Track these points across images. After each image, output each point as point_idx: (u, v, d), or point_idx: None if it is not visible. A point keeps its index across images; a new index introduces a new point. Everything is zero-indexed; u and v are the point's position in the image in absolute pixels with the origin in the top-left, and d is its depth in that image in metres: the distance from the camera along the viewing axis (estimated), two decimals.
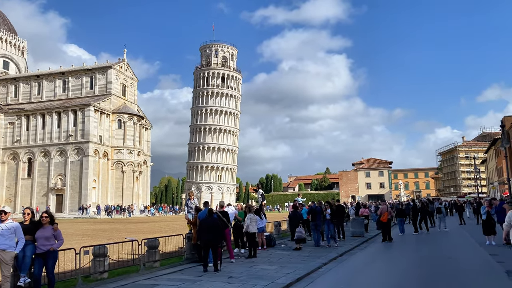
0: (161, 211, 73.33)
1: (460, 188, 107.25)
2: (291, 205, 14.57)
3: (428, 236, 19.20)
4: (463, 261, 11.00)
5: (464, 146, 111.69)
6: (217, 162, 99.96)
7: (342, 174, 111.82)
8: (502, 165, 63.85)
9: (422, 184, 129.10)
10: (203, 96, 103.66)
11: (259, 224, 13.81)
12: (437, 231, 21.27)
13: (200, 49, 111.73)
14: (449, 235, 18.83)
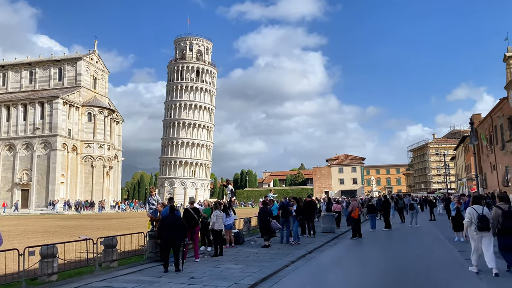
0: (132, 207, 71.88)
1: (430, 184, 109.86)
2: (261, 201, 14.12)
3: (398, 232, 19.19)
4: (432, 258, 10.83)
5: (435, 143, 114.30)
6: (191, 157, 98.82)
7: (316, 170, 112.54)
8: (470, 162, 65.47)
9: (394, 180, 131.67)
10: (177, 90, 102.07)
11: (227, 221, 13.33)
12: (407, 227, 21.33)
13: (175, 42, 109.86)
14: (419, 231, 18.86)
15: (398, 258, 10.98)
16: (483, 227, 8.45)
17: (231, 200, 15.71)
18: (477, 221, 8.50)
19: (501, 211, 8.57)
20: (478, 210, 8.67)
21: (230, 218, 13.48)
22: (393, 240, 15.61)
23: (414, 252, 11.98)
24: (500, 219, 8.51)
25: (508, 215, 8.49)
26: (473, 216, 8.63)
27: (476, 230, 8.54)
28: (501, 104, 39.51)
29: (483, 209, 8.72)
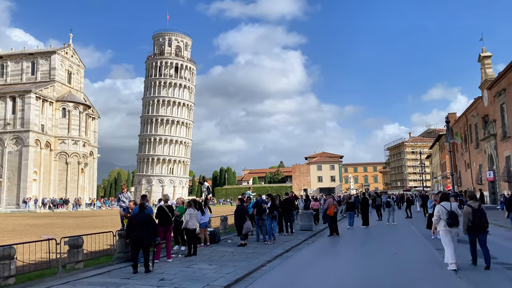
0: (108, 205, 70.39)
1: (406, 182, 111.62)
2: (238, 199, 13.73)
3: (376, 229, 19.13)
4: (410, 257, 10.68)
5: (411, 142, 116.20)
6: (169, 154, 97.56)
7: (295, 167, 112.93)
8: (445, 160, 66.67)
9: (371, 178, 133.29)
10: (155, 86, 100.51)
11: (202, 220, 12.92)
12: (385, 225, 21.34)
13: (153, 37, 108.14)
14: (396, 229, 18.84)
15: (376, 257, 10.79)
16: (453, 223, 8.76)
17: (207, 197, 15.28)
18: (446, 218, 8.80)
19: (471, 209, 8.86)
20: (446, 206, 8.96)
21: (205, 217, 13.06)
22: (371, 238, 15.49)
23: (392, 250, 11.84)
24: (470, 216, 8.81)
25: (477, 212, 8.80)
26: (442, 212, 8.90)
27: (446, 226, 8.83)
28: (476, 104, 40.23)
29: (451, 205, 8.99)
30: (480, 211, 8.87)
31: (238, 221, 12.95)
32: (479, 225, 8.78)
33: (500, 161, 33.54)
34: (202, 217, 12.84)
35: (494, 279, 8.02)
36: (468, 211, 8.91)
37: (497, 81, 32.20)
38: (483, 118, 36.74)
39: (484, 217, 8.89)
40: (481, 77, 37.02)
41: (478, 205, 9.01)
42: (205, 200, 15.16)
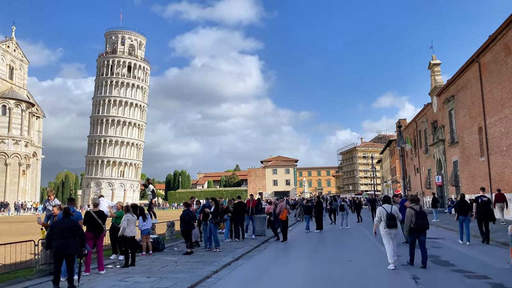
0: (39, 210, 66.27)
1: (358, 186, 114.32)
2: (183, 203, 12.63)
3: (330, 234, 18.63)
4: (367, 264, 10.08)
5: (362, 147, 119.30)
6: (120, 156, 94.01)
7: (250, 171, 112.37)
8: (395, 165, 68.48)
9: (324, 182, 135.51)
10: (106, 85, 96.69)
11: (143, 226, 11.74)
12: (338, 229, 20.94)
13: (105, 35, 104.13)
14: (350, 234, 18.42)
15: (332, 265, 10.10)
16: (391, 224, 9.31)
17: (151, 201, 14.05)
18: (385, 219, 9.34)
19: (414, 211, 9.48)
20: (387, 209, 9.49)
21: (148, 222, 11.88)
22: (325, 244, 14.88)
23: (348, 257, 11.23)
24: (413, 218, 9.40)
25: (419, 214, 9.42)
26: (383, 214, 9.43)
27: (386, 227, 9.35)
28: (425, 110, 41.37)
29: (391, 208, 9.56)
30: (422, 213, 9.46)
31: (183, 227, 11.87)
32: (421, 226, 9.38)
33: (448, 166, 34.49)
34: (143, 223, 11.67)
35: None
36: (411, 213, 9.49)
37: (446, 88, 33.11)
38: (432, 124, 37.75)
39: (425, 219, 9.49)
40: (431, 84, 38.06)
41: (420, 208, 9.61)
42: (149, 205, 13.94)
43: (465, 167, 29.91)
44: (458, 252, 11.49)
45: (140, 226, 11.73)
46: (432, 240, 14.51)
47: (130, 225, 9.98)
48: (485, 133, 25.21)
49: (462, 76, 29.09)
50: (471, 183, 28.41)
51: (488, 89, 24.45)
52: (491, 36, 23.19)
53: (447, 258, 10.42)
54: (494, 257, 10.66)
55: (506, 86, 21.83)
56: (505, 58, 21.83)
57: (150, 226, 12.17)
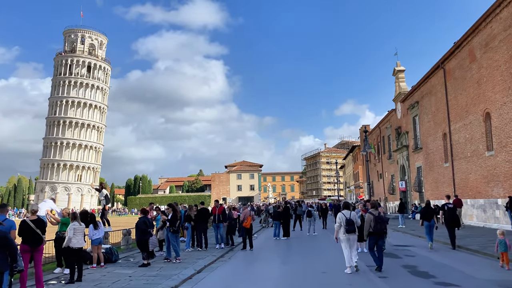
0: None
1: (321, 191, 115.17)
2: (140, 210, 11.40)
3: (298, 241, 17.83)
4: (341, 276, 9.27)
5: (326, 153, 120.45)
6: (77, 160, 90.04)
7: (214, 176, 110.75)
8: (358, 170, 69.29)
9: (288, 187, 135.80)
10: (64, 85, 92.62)
11: (94, 235, 10.46)
12: (306, 236, 20.20)
13: (64, 33, 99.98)
14: (319, 241, 17.66)
15: (304, 279, 9.23)
16: (350, 230, 9.46)
17: (105, 207, 12.71)
18: (345, 225, 9.49)
19: (373, 216, 9.78)
20: (346, 214, 9.66)
21: (100, 231, 10.60)
22: (295, 253, 14.03)
23: (320, 268, 10.41)
24: (372, 223, 9.67)
25: (378, 219, 9.71)
26: (342, 220, 9.57)
27: (345, 233, 9.49)
28: (389, 116, 41.78)
29: (350, 213, 9.72)
30: (380, 218, 9.76)
31: (139, 236, 10.66)
32: (379, 231, 9.67)
33: (411, 171, 34.77)
34: (94, 231, 10.39)
35: None
36: (370, 218, 9.76)
37: (410, 94, 33.40)
38: (396, 130, 38.08)
39: (384, 224, 9.83)
40: (395, 90, 38.43)
41: (378, 213, 9.92)
42: (102, 211, 12.62)
43: (429, 173, 30.13)
44: (434, 262, 10.94)
45: (91, 235, 10.45)
46: (403, 248, 14.01)
47: (77, 234, 8.70)
48: (449, 139, 25.38)
49: (427, 82, 29.35)
50: (435, 189, 28.60)
51: (453, 95, 24.63)
52: (456, 43, 23.38)
53: (426, 269, 9.82)
54: (472, 266, 10.17)
55: (471, 92, 21.99)
56: (470, 64, 22.00)
57: (102, 235, 10.89)
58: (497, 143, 19.34)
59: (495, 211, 19.85)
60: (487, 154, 20.43)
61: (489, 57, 19.74)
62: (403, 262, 10.92)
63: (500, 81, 18.75)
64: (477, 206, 21.80)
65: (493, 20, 19.22)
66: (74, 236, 8.62)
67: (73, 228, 8.64)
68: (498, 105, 19.06)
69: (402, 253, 12.54)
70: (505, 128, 18.52)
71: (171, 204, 12.44)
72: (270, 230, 24.77)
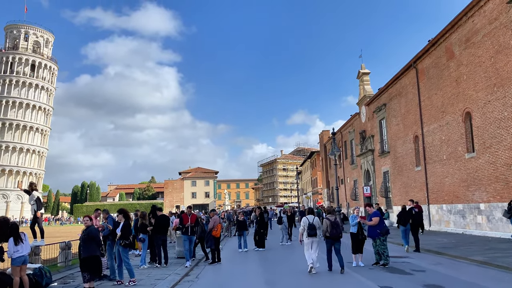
0: None
1: (278, 198, 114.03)
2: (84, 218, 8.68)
3: (272, 253, 15.59)
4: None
5: (283, 159, 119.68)
6: (18, 165, 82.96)
7: (168, 183, 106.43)
8: (316, 177, 68.47)
9: (243, 194, 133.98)
10: (4, 84, 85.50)
11: (17, 252, 7.71)
12: (279, 245, 18.03)
13: (5, 28, 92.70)
14: (298, 253, 15.43)
15: None
16: (311, 233, 10.13)
17: (36, 214, 9.86)
18: (307, 229, 10.16)
19: (329, 221, 10.28)
20: (310, 219, 10.29)
21: (23, 247, 7.85)
22: (275, 269, 11.79)
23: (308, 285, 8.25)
24: (328, 228, 10.19)
25: (334, 224, 10.22)
26: (306, 224, 10.23)
27: (307, 236, 10.18)
28: (352, 120, 40.81)
29: (314, 218, 10.33)
30: (336, 223, 10.26)
31: (87, 251, 7.96)
32: (335, 235, 10.16)
33: (377, 176, 33.73)
34: (15, 248, 7.64)
35: None
36: (326, 224, 10.26)
37: (377, 97, 32.42)
38: (360, 134, 37.05)
39: (339, 228, 10.32)
40: (359, 93, 37.49)
41: (334, 219, 10.40)
42: (32, 219, 9.79)
43: (397, 177, 29.08)
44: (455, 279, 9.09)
45: (10, 252, 7.70)
46: (402, 261, 11.92)
47: None
48: (422, 142, 24.31)
49: (396, 84, 28.36)
50: (404, 193, 27.50)
51: (426, 96, 23.60)
52: (431, 41, 22.36)
53: None
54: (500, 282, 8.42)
55: (448, 91, 20.93)
56: (447, 62, 20.97)
57: (27, 252, 8.11)
58: (479, 144, 18.24)
59: (476, 217, 18.69)
60: (467, 156, 19.32)
61: (471, 53, 18.69)
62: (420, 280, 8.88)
63: (484, 78, 17.68)
64: (454, 211, 20.66)
65: (475, 14, 18.20)
66: None
67: None
68: (481, 103, 17.98)
69: (408, 267, 10.59)
70: (489, 128, 17.42)
71: (123, 209, 9.82)
72: (231, 240, 22.49)
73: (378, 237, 10.49)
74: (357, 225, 10.75)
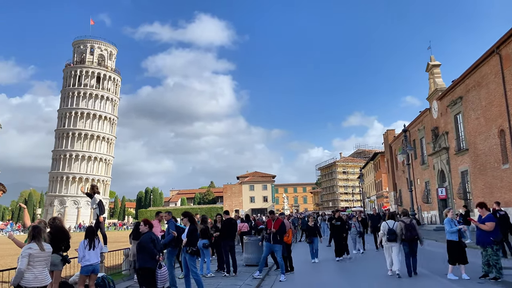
0: (11, 230, 59.41)
1: (338, 202, 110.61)
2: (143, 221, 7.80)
3: (352, 266, 14.04)
4: None
5: (342, 162, 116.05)
6: (87, 172, 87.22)
7: (226, 187, 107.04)
8: (381, 179, 65.10)
9: (301, 199, 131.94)
10: (73, 97, 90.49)
11: (86, 260, 7.00)
12: (359, 256, 16.23)
13: (73, 44, 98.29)
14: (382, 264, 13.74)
15: None
16: (390, 238, 10.12)
17: (99, 219, 9.23)
18: (386, 234, 10.14)
19: (404, 224, 10.06)
20: (390, 224, 10.23)
21: (94, 254, 7.13)
22: (357, 276, 10.34)
23: None
24: (404, 230, 9.97)
25: (408, 227, 9.97)
26: (385, 229, 10.22)
27: (386, 241, 10.22)
28: (422, 117, 37.94)
29: (394, 224, 10.22)
30: (411, 226, 10.00)
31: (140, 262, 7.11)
32: (410, 238, 9.90)
33: (453, 176, 30.83)
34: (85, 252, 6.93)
35: None
36: (401, 227, 10.07)
37: (451, 89, 29.64)
38: (432, 131, 34.21)
39: (415, 231, 9.99)
40: (430, 87, 34.71)
41: (410, 221, 10.18)
42: (95, 224, 9.15)
43: (478, 177, 26.22)
44: None
45: (81, 257, 7.00)
46: None
47: (36, 265, 5.20)
48: (510, 136, 21.55)
49: (474, 74, 25.63)
50: (488, 194, 24.61)
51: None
52: None
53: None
54: None
55: None
56: None
57: (96, 261, 7.39)
58: None
59: None
60: None
61: None
62: None
63: None
64: None
65: None
66: (31, 267, 5.12)
67: (28, 253, 5.12)
68: None
69: None
70: None
71: (188, 213, 8.84)
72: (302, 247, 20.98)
73: (491, 246, 8.68)
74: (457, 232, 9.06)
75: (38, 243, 5.14)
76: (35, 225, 5.45)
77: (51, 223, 6.79)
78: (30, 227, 5.38)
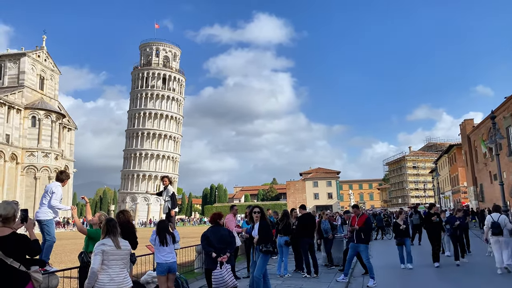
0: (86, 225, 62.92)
1: (408, 199, 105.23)
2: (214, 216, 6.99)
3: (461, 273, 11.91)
4: None
5: (412, 156, 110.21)
6: (156, 170, 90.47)
7: (289, 184, 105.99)
8: (457, 173, 60.55)
9: (367, 195, 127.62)
10: (141, 98, 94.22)
11: (162, 255, 6.36)
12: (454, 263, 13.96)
13: (140, 47, 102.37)
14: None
15: None
16: (495, 232, 9.83)
17: (170, 213, 8.61)
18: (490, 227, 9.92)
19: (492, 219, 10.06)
20: (494, 217, 10.05)
21: (168, 250, 6.49)
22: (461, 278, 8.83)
23: None
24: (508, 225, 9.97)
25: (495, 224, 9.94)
26: (489, 222, 10.05)
27: (491, 235, 9.97)
28: (508, 103, 34.30)
29: (499, 216, 9.93)
30: None
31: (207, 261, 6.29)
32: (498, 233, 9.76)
33: None
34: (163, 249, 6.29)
35: None
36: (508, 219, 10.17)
37: None
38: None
39: None
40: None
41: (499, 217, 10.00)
42: (167, 217, 8.56)
43: None
44: None
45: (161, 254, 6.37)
46: None
47: (111, 264, 4.49)
48: None
49: None
50: None
51: None
52: None
53: None
54: None
55: None
56: None
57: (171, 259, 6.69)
58: None
59: None
60: None
61: None
62: None
63: None
64: None
65: None
66: (105, 268, 4.43)
67: (101, 251, 4.42)
68: None
69: None
70: None
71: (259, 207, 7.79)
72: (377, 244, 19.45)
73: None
74: None
75: (114, 238, 4.44)
76: (110, 218, 4.80)
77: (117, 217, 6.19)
78: (105, 221, 4.73)
